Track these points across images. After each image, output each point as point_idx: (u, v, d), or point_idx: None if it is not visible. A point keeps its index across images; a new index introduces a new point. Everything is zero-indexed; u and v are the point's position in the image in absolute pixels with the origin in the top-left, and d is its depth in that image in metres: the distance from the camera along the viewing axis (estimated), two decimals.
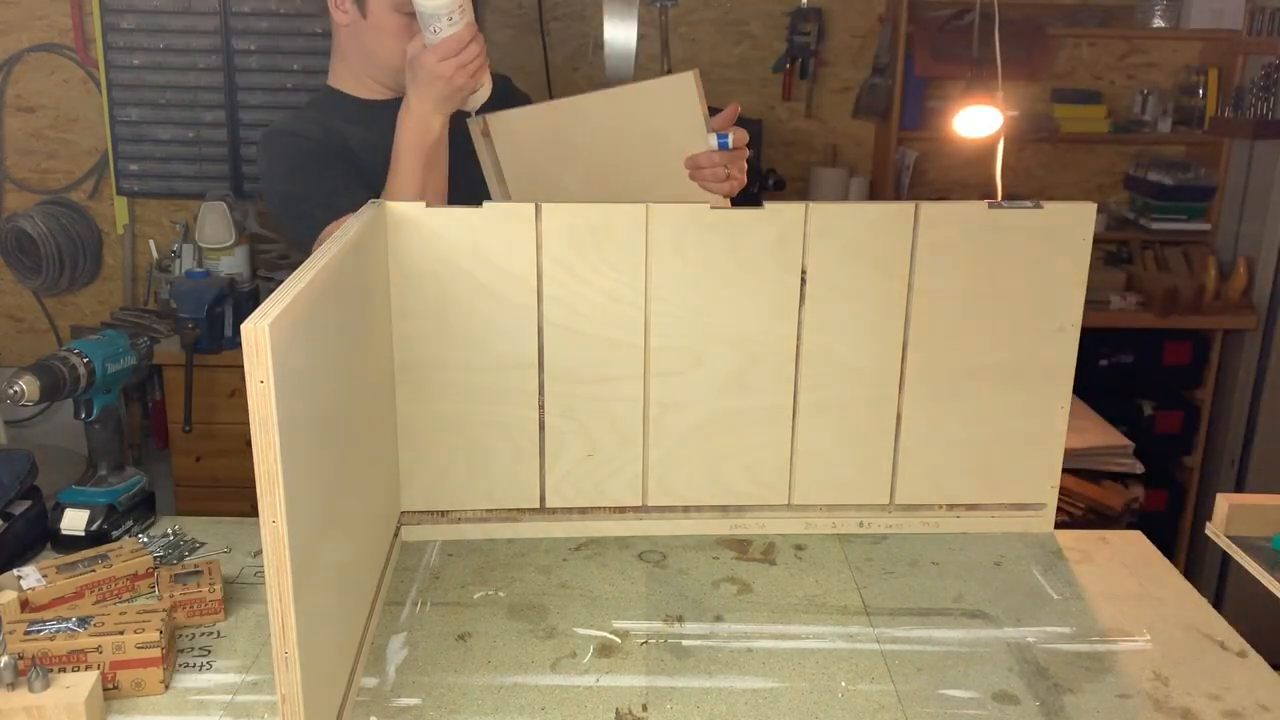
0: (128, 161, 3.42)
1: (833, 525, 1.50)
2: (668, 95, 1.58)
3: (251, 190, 3.42)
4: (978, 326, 1.43)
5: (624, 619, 1.28)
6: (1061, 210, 1.40)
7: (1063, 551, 1.47)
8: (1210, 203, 3.40)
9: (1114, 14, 3.41)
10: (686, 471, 1.46)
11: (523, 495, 1.46)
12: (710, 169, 1.55)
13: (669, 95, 1.58)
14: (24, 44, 3.38)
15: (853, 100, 3.52)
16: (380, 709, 1.11)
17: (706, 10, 3.46)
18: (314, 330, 0.99)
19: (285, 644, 0.90)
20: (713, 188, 1.57)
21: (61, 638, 1.08)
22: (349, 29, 1.68)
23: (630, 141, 1.63)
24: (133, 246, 3.51)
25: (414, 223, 1.35)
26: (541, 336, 1.40)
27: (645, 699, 1.13)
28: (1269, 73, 3.13)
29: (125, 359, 1.44)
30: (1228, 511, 1.31)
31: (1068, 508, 2.17)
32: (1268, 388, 3.24)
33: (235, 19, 3.31)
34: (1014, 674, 1.18)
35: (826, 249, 1.39)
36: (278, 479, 0.86)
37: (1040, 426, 1.47)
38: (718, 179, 1.56)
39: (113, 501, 1.43)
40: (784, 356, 1.42)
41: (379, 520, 1.33)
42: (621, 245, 1.37)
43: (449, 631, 1.25)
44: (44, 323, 3.59)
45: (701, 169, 1.56)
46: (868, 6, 3.47)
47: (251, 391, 0.84)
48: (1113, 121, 3.44)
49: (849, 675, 1.17)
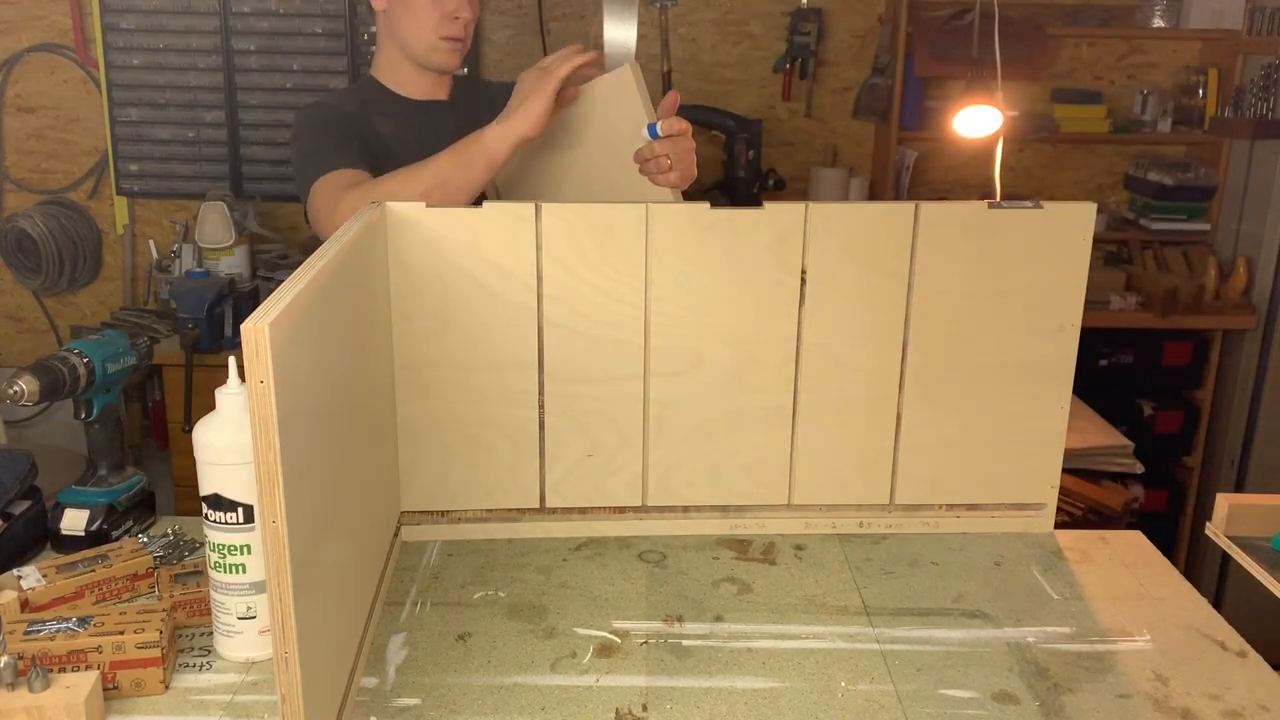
0: (128, 161, 3.42)
1: (832, 525, 1.50)
2: (611, 91, 1.58)
3: (251, 190, 3.42)
4: (978, 326, 1.43)
5: (624, 619, 1.28)
6: (1061, 210, 1.40)
7: (1063, 551, 1.47)
8: (1210, 203, 3.40)
9: (1114, 14, 3.41)
10: (686, 471, 1.46)
11: (523, 495, 1.46)
12: (652, 160, 1.54)
13: (612, 91, 1.57)
14: (24, 44, 3.39)
15: (853, 100, 3.52)
16: (380, 709, 1.11)
17: (706, 10, 3.46)
18: (314, 330, 0.99)
19: (285, 644, 0.90)
20: (658, 180, 1.56)
21: (61, 638, 1.08)
22: (385, 14, 1.78)
23: (587, 142, 1.63)
24: (133, 246, 3.51)
25: (414, 223, 1.35)
26: (541, 336, 1.40)
27: (645, 699, 1.13)
28: (1269, 73, 3.13)
29: (125, 359, 1.44)
30: (1228, 511, 1.31)
31: (1068, 508, 2.17)
32: (1268, 388, 3.24)
33: (235, 19, 3.32)
34: (1014, 674, 1.18)
35: (826, 249, 1.39)
36: (278, 479, 0.86)
37: (1040, 426, 1.47)
38: (661, 169, 1.55)
39: (113, 501, 1.43)
40: (784, 356, 1.42)
41: (379, 520, 1.33)
42: (621, 245, 1.37)
43: (449, 631, 1.25)
44: (44, 323, 3.59)
45: (646, 161, 1.55)
46: (868, 6, 3.47)
47: (251, 391, 0.84)
48: (1113, 121, 3.44)
49: (849, 675, 1.17)
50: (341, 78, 3.36)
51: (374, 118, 1.78)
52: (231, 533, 1.13)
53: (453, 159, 1.52)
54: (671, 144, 1.54)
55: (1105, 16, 3.41)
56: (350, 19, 3.32)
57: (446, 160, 1.52)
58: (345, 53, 3.35)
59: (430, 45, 1.76)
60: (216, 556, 1.14)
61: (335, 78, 3.37)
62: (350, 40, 3.34)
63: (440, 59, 1.78)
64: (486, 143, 1.51)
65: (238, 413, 1.12)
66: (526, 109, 1.50)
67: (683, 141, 1.55)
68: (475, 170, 1.51)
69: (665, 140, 1.54)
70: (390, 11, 1.77)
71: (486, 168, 1.52)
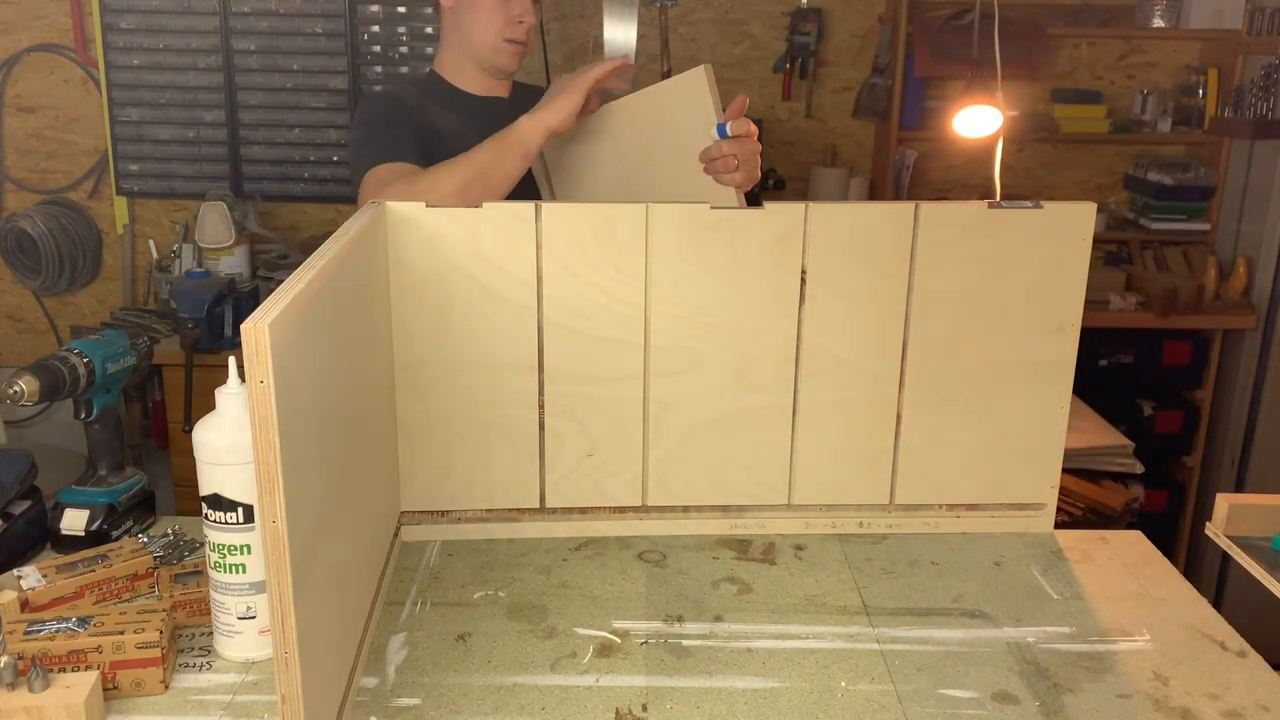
0: (127, 161, 3.43)
1: (832, 525, 1.50)
2: (682, 93, 1.60)
3: (251, 190, 3.42)
4: (978, 326, 1.43)
5: (624, 619, 1.28)
6: (1061, 210, 1.40)
7: (1063, 551, 1.47)
8: (1210, 203, 3.40)
9: (1114, 14, 3.41)
10: (686, 471, 1.46)
11: (523, 495, 1.46)
12: (720, 159, 1.57)
13: (684, 93, 1.60)
14: (24, 44, 3.39)
15: (853, 100, 3.52)
16: (380, 709, 1.11)
17: (706, 10, 3.46)
18: (314, 330, 0.99)
19: (285, 644, 0.90)
20: (724, 179, 1.58)
21: (61, 638, 1.08)
22: (451, 12, 1.84)
23: (652, 142, 1.66)
24: (133, 246, 3.51)
25: (414, 223, 1.35)
26: (541, 336, 1.40)
27: (645, 699, 1.13)
28: (1269, 73, 3.13)
29: (125, 359, 1.44)
30: (1227, 511, 1.31)
31: (1068, 508, 2.17)
32: (1267, 388, 3.24)
33: (235, 19, 3.32)
34: (1014, 674, 1.18)
35: (826, 249, 1.39)
36: (278, 479, 0.86)
37: (1040, 426, 1.47)
38: (727, 169, 1.57)
39: (113, 501, 1.43)
40: (784, 356, 1.42)
41: (379, 520, 1.33)
42: (622, 245, 1.37)
43: (449, 631, 1.25)
44: (44, 323, 3.59)
45: (713, 160, 1.58)
46: (868, 6, 3.47)
47: (251, 391, 0.84)
48: (1113, 121, 3.44)
49: (849, 675, 1.17)
50: (341, 77, 3.36)
51: (434, 112, 1.82)
52: (231, 533, 1.13)
53: (491, 151, 1.59)
54: (739, 144, 1.56)
55: (1105, 16, 3.41)
56: (350, 19, 3.32)
57: (485, 152, 1.59)
58: (345, 53, 3.35)
59: (494, 47, 1.82)
60: (216, 556, 1.14)
61: (335, 77, 3.37)
62: (350, 40, 3.34)
63: (502, 60, 1.84)
64: (520, 133, 1.59)
65: (238, 413, 1.12)
66: (558, 102, 1.59)
67: (750, 143, 1.58)
68: (512, 160, 1.59)
69: (733, 140, 1.56)
70: (456, 10, 1.83)
71: (523, 156, 1.59)
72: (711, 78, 1.56)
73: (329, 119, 3.39)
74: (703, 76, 1.56)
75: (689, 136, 1.59)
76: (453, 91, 1.88)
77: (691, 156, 1.59)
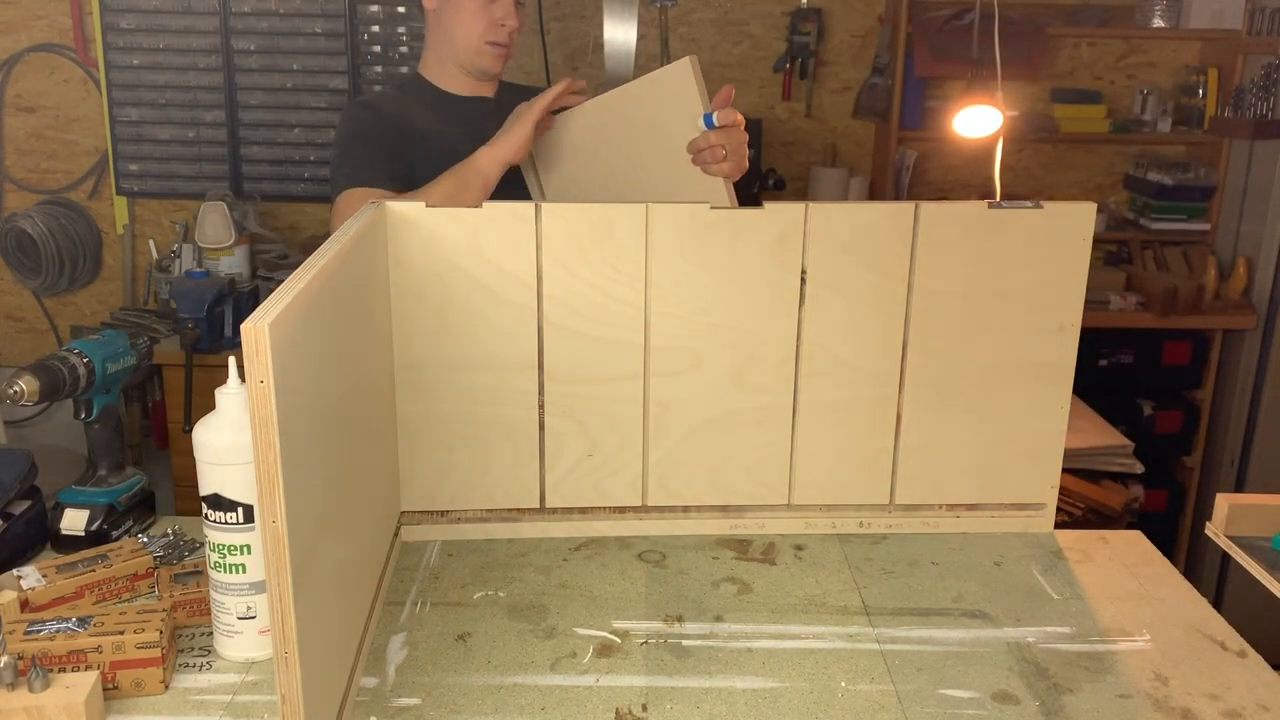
0: (127, 161, 3.42)
1: (832, 525, 1.50)
2: (669, 84, 1.61)
3: (251, 190, 3.42)
4: (978, 326, 1.43)
5: (624, 619, 1.28)
6: (1061, 210, 1.40)
7: (1063, 551, 1.47)
8: (1210, 203, 3.40)
9: (1114, 14, 3.41)
10: (686, 471, 1.46)
11: (523, 495, 1.46)
12: (707, 150, 1.58)
13: (670, 84, 1.60)
14: (24, 44, 3.38)
15: (852, 100, 3.52)
16: (380, 709, 1.11)
17: (706, 10, 3.46)
18: (314, 330, 0.99)
19: (285, 644, 0.90)
20: (712, 169, 1.59)
21: (61, 638, 1.08)
22: (435, 13, 1.86)
23: (640, 134, 1.67)
24: (133, 246, 3.51)
25: (414, 223, 1.35)
26: (541, 336, 1.40)
27: (645, 699, 1.13)
28: (1269, 73, 3.13)
29: (125, 359, 1.44)
30: (1227, 511, 1.31)
31: (1068, 508, 2.17)
32: (1267, 388, 3.24)
33: (235, 19, 3.32)
34: (1014, 674, 1.18)
35: (826, 249, 1.39)
36: (278, 479, 0.86)
37: (1040, 426, 1.47)
38: (716, 159, 1.58)
39: (113, 501, 1.43)
40: (784, 356, 1.42)
41: (379, 520, 1.33)
42: (621, 245, 1.37)
43: (449, 631, 1.25)
44: (44, 323, 3.59)
45: (700, 151, 1.59)
46: (868, 6, 3.47)
47: (251, 391, 0.84)
48: (1112, 121, 3.44)
49: (849, 675, 1.17)
50: (341, 77, 3.36)
51: (416, 115, 1.84)
52: (231, 533, 1.13)
53: (452, 182, 1.65)
54: (726, 134, 1.58)
55: (1105, 16, 3.41)
56: (350, 19, 3.32)
57: (448, 183, 1.65)
58: (345, 53, 3.35)
59: (476, 49, 1.84)
60: (216, 556, 1.14)
61: (335, 78, 3.37)
62: (350, 40, 3.34)
63: (484, 62, 1.86)
64: (479, 166, 1.66)
65: (238, 413, 1.12)
66: (511, 135, 1.66)
67: (737, 133, 1.59)
68: (472, 191, 1.64)
69: (720, 131, 1.58)
70: (439, 12, 1.85)
71: (482, 188, 1.65)
72: (697, 69, 1.57)
73: (329, 119, 3.39)
74: (689, 67, 1.57)
75: (676, 127, 1.59)
76: (436, 93, 1.90)
77: (679, 147, 1.59)
